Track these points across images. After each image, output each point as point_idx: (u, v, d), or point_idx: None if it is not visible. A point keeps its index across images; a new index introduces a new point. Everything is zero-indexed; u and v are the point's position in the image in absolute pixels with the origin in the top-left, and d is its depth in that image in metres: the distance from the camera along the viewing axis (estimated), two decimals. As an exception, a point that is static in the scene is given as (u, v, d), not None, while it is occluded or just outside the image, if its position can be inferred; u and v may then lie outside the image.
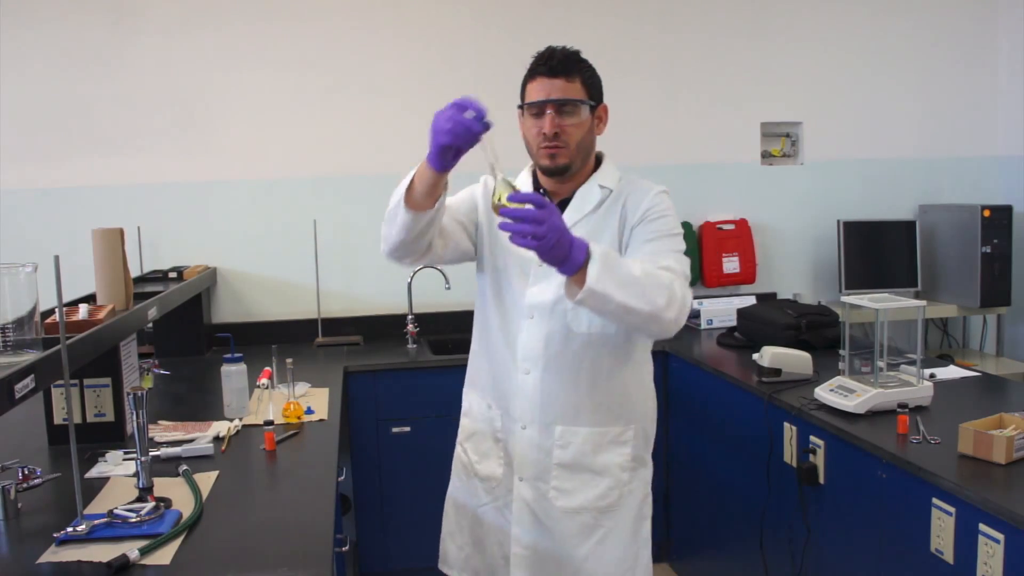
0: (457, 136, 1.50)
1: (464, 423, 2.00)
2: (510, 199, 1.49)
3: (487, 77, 3.73)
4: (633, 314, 1.57)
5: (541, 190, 1.85)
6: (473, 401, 1.97)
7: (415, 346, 3.53)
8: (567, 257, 1.50)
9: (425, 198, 1.63)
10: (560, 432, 1.82)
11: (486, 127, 1.52)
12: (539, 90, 1.73)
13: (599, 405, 1.83)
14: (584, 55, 1.81)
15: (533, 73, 1.75)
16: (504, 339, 1.86)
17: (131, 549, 1.53)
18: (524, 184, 1.88)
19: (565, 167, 1.77)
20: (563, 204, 1.83)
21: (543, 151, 1.75)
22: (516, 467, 1.85)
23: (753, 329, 3.27)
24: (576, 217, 1.80)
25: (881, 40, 4.05)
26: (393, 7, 3.68)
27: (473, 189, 1.96)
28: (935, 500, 1.86)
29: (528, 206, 1.47)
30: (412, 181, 1.63)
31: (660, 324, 1.62)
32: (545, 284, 1.80)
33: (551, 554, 1.85)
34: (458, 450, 2.02)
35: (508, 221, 1.47)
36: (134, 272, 3.05)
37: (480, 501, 1.92)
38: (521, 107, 1.78)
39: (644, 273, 1.59)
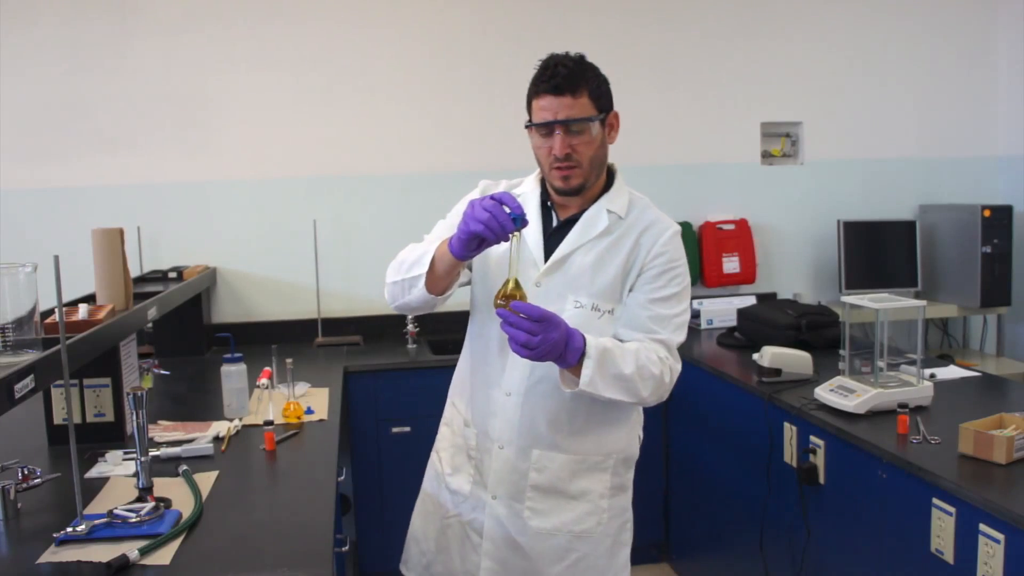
0: (491, 230, 1.51)
1: (443, 431, 1.96)
2: (514, 307, 1.53)
3: (487, 77, 3.74)
4: (617, 401, 1.68)
5: (549, 203, 1.81)
6: (453, 413, 1.93)
7: (415, 346, 3.53)
8: (560, 359, 1.59)
9: (442, 279, 1.66)
10: (537, 456, 1.78)
11: (522, 225, 1.54)
12: (545, 109, 1.66)
13: (578, 433, 1.79)
14: (588, 57, 1.76)
15: (538, 90, 1.68)
16: (491, 357, 1.81)
17: (131, 549, 1.53)
18: (531, 193, 1.82)
19: (580, 187, 1.72)
20: (569, 222, 1.78)
21: (555, 172, 1.70)
22: (490, 486, 1.81)
23: (753, 329, 3.27)
24: (580, 241, 1.75)
25: (881, 40, 4.05)
26: (393, 7, 3.68)
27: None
28: (935, 500, 1.86)
29: (523, 317, 1.51)
30: (433, 261, 1.64)
31: (641, 406, 1.79)
32: None
33: (522, 568, 1.81)
34: (433, 456, 1.98)
35: (506, 318, 1.53)
36: (134, 272, 3.05)
37: (447, 512, 1.89)
38: (529, 125, 1.72)
39: (636, 369, 1.65)
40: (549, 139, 1.68)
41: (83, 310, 2.03)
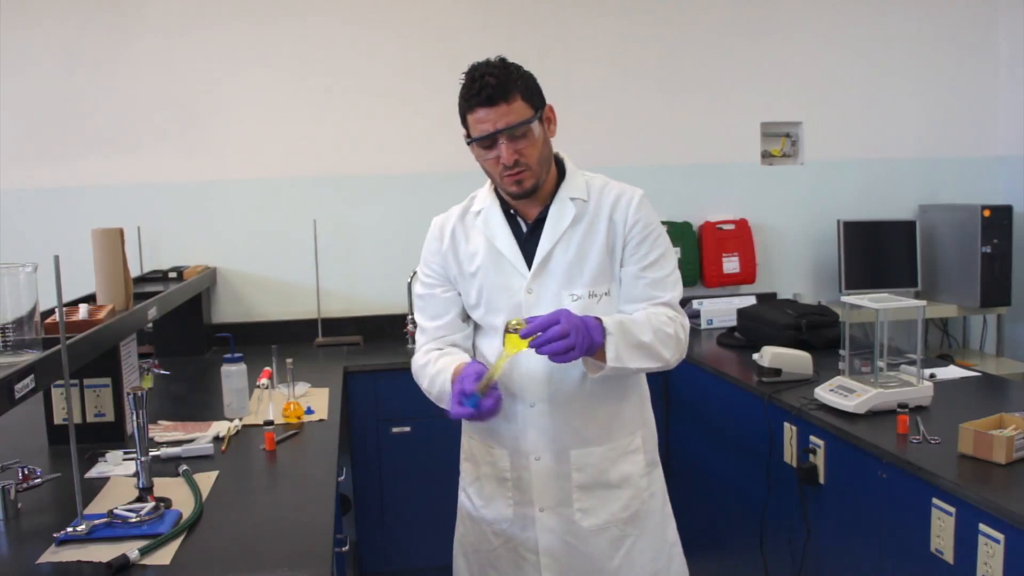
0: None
1: (465, 467, 1.95)
2: (527, 332, 1.56)
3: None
4: (646, 370, 1.76)
5: (512, 211, 1.80)
6: (473, 444, 1.91)
7: (415, 346, 3.52)
8: (592, 344, 1.61)
9: None
10: (575, 456, 1.79)
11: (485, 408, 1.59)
12: (483, 121, 1.65)
13: (608, 422, 1.81)
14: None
15: (470, 105, 1.67)
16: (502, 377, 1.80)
17: (131, 549, 1.53)
18: (491, 207, 1.81)
19: (534, 188, 1.73)
20: (539, 223, 1.78)
21: (507, 179, 1.70)
22: (536, 499, 1.80)
23: (753, 329, 3.27)
24: (556, 235, 1.75)
25: (881, 40, 4.05)
26: (393, 8, 3.68)
27: (439, 256, 1.85)
28: (935, 500, 1.86)
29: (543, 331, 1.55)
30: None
31: (666, 369, 1.80)
32: None
33: (584, 570, 1.82)
34: (461, 497, 1.96)
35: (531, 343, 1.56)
36: (134, 272, 3.05)
37: (491, 545, 1.87)
38: (469, 141, 1.72)
39: (653, 334, 1.70)
40: (493, 150, 1.68)
41: (83, 310, 2.03)
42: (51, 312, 1.95)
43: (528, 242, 1.78)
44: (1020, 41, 4.06)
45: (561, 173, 1.81)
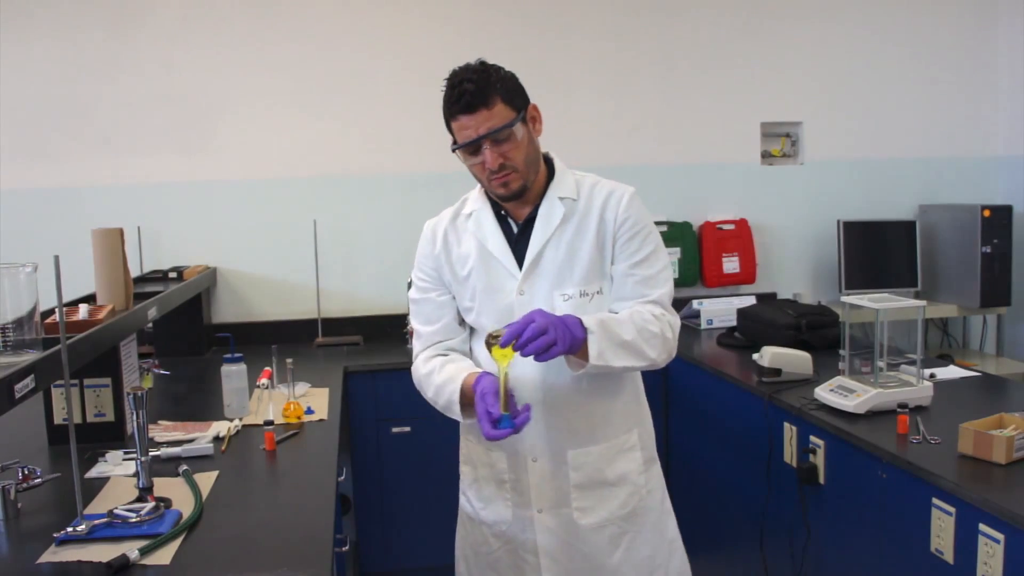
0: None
1: (464, 470, 1.95)
2: (506, 338, 1.56)
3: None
4: (632, 369, 1.74)
5: (503, 212, 1.81)
6: (471, 447, 1.92)
7: (413, 351, 3.52)
8: (573, 340, 1.60)
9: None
10: (572, 456, 1.79)
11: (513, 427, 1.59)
12: (466, 127, 1.66)
13: (603, 420, 1.81)
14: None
15: (452, 112, 1.67)
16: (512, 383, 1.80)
17: (131, 549, 1.53)
18: (482, 209, 1.82)
19: (522, 189, 1.73)
20: (528, 223, 1.78)
21: (495, 182, 1.70)
22: (533, 500, 1.80)
23: (753, 329, 3.27)
24: (546, 235, 1.75)
25: (881, 40, 4.05)
26: (392, 8, 3.68)
27: (432, 259, 1.86)
28: (935, 500, 1.86)
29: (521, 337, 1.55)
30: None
31: (653, 368, 1.78)
32: None
33: (584, 569, 1.82)
34: (462, 500, 1.96)
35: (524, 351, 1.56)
36: (134, 272, 3.05)
37: (491, 548, 1.87)
38: (455, 148, 1.72)
39: (637, 332, 1.69)
40: (479, 155, 1.68)
41: (83, 310, 2.03)
42: (51, 312, 1.95)
43: (519, 243, 1.79)
44: (1020, 41, 4.06)
45: (551, 173, 1.81)
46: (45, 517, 1.76)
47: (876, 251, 3.92)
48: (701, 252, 3.90)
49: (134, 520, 1.65)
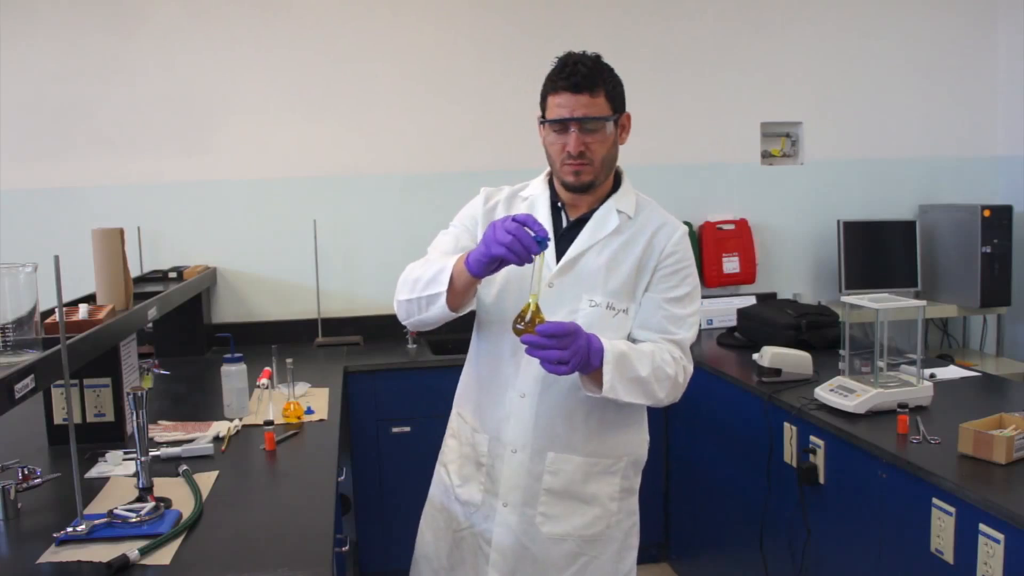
0: (514, 252, 1.51)
1: (449, 443, 1.94)
2: (541, 331, 1.54)
3: (487, 78, 3.74)
4: (638, 403, 1.73)
5: (559, 203, 1.81)
6: (460, 423, 1.91)
7: (415, 346, 3.53)
8: (587, 366, 1.61)
9: (459, 295, 1.65)
10: (552, 458, 1.78)
11: (543, 248, 1.53)
12: (562, 106, 1.67)
13: (593, 434, 1.79)
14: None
15: (555, 87, 1.68)
16: (503, 360, 1.80)
17: (131, 549, 1.53)
18: (540, 195, 1.83)
19: (589, 184, 1.73)
20: (580, 223, 1.79)
21: (567, 168, 1.71)
22: (502, 493, 1.80)
23: (753, 329, 3.27)
24: (592, 240, 1.76)
25: (881, 40, 4.05)
26: (392, 8, 3.68)
27: (473, 215, 1.85)
28: (935, 500, 1.86)
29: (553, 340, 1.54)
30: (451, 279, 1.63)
31: (657, 407, 1.79)
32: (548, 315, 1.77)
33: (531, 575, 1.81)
34: (440, 470, 1.95)
35: (531, 343, 1.55)
36: (134, 272, 3.05)
37: (459, 525, 1.87)
38: (542, 121, 1.73)
39: (652, 370, 1.69)
40: (563, 136, 1.69)
41: (83, 310, 2.03)
42: (51, 312, 1.95)
43: (564, 238, 1.79)
44: (1019, 41, 4.06)
45: (616, 186, 1.82)
46: (45, 517, 1.76)
47: (876, 251, 3.92)
48: (701, 252, 3.90)
49: (134, 520, 1.65)
